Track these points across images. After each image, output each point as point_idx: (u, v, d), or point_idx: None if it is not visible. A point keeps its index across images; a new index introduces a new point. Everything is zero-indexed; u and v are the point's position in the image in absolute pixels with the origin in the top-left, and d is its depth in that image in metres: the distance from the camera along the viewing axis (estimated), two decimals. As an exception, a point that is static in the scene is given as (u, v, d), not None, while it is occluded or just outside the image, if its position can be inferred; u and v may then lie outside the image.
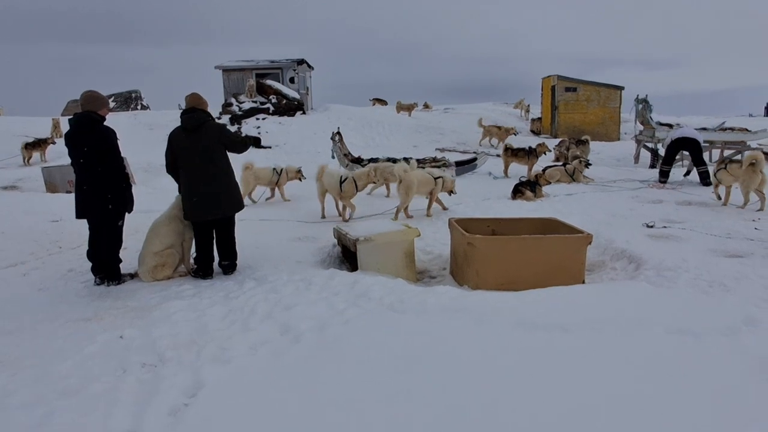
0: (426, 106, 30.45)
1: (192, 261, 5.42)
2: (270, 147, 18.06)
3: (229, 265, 5.32)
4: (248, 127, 19.44)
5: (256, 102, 21.07)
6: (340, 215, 8.27)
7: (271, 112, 20.88)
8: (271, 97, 21.59)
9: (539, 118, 24.93)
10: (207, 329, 3.79)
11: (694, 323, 3.60)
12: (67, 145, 4.92)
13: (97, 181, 4.85)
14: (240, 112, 20.24)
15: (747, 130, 16.05)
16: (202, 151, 5.07)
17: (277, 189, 10.37)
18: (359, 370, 3.05)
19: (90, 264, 5.10)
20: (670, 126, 16.92)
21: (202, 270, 5.21)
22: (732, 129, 16.19)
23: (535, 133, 23.91)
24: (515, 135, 19.34)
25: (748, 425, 2.50)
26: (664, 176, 11.32)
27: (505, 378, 2.96)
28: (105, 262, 5.05)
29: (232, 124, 19.52)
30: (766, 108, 43.79)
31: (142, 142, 17.50)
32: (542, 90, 25.16)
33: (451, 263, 5.89)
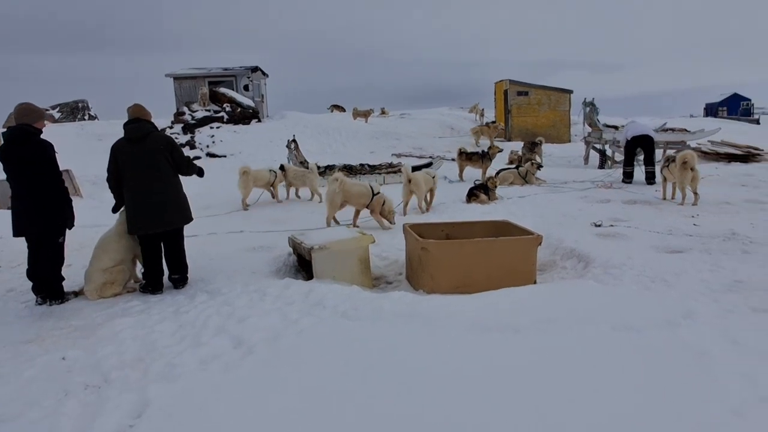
0: (383, 112, 30.60)
1: (140, 275, 5.26)
2: (225, 156, 17.76)
3: (180, 279, 5.19)
4: (202, 136, 19.07)
5: (209, 110, 20.68)
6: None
7: (225, 120, 20.54)
8: (225, 105, 21.25)
9: (494, 122, 25.45)
10: (156, 346, 3.68)
11: (637, 319, 3.74)
12: (1, 159, 4.70)
13: (34, 197, 4.65)
14: (193, 121, 19.82)
15: (686, 130, 16.87)
16: (148, 161, 4.93)
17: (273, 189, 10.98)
18: (312, 381, 3.03)
19: (30, 283, 4.88)
20: (616, 128, 17.60)
21: (151, 285, 5.06)
22: (672, 130, 16.99)
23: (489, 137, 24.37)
24: (503, 128, 19.99)
25: (683, 417, 2.61)
26: (628, 177, 11.66)
27: (459, 381, 3.00)
28: (46, 281, 4.84)
29: (185, 133, 19.09)
30: (705, 109, 46.15)
31: (90, 154, 16.89)
32: (495, 94, 25.74)
33: (406, 268, 5.93)
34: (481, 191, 9.67)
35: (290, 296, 4.57)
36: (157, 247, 5.11)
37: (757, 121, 31.41)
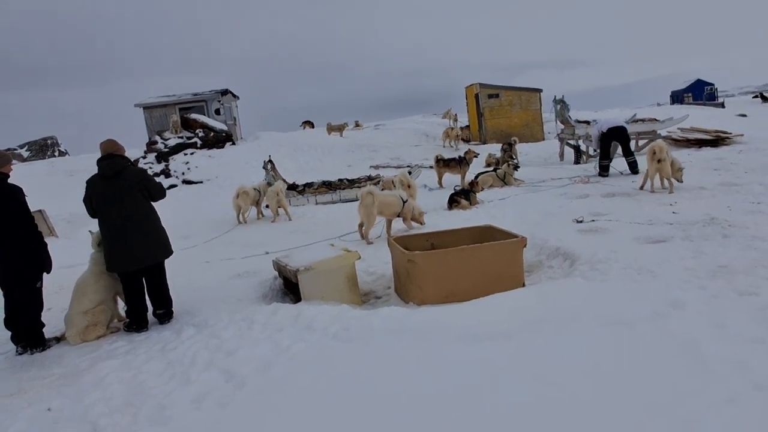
0: (357, 124, 30.65)
1: (124, 313, 5.14)
2: (201, 182, 17.58)
3: (165, 314, 5.08)
4: (177, 164, 18.84)
5: (182, 137, 20.47)
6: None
7: (199, 146, 20.34)
8: (197, 131, 21.05)
9: (467, 126, 25.65)
10: (144, 388, 3.58)
11: (626, 313, 3.77)
12: None
13: (7, 244, 4.52)
14: (166, 149, 19.59)
15: (656, 119, 17.19)
16: (123, 197, 4.84)
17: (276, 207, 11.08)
18: (306, 408, 2.97)
19: (9, 333, 4.72)
20: (587, 123, 17.87)
21: (135, 323, 4.94)
22: (642, 120, 17.29)
23: (465, 140, 24.56)
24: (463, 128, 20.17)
25: (678, 406, 2.62)
26: (604, 170, 11.81)
27: (453, 394, 2.97)
28: (26, 329, 4.69)
29: (159, 161, 18.86)
30: (671, 97, 47.21)
31: (62, 191, 16.61)
32: (467, 98, 25.96)
33: (394, 281, 5.89)
34: (461, 197, 9.70)
35: (279, 322, 4.49)
36: (138, 283, 5.00)
37: (722, 105, 32.18)
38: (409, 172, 13.92)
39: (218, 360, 3.82)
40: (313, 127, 32.08)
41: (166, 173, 18.16)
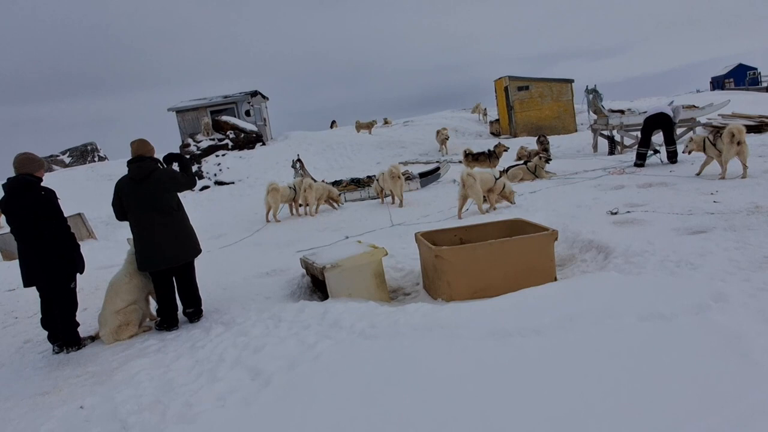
0: (386, 121, 30.63)
1: (155, 313, 5.21)
2: (233, 183, 17.84)
3: (194, 312, 5.13)
4: (209, 165, 19.20)
5: (213, 139, 20.83)
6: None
7: (230, 147, 20.67)
8: (228, 132, 21.39)
9: (497, 120, 25.30)
10: (172, 385, 3.60)
11: (664, 306, 3.58)
12: (3, 212, 4.69)
13: (41, 246, 4.63)
14: (198, 152, 19.97)
15: (695, 106, 16.54)
16: (152, 200, 4.90)
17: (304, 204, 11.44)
18: (330, 407, 2.92)
19: (46, 333, 4.85)
20: (622, 112, 17.36)
21: (166, 322, 5.01)
22: (681, 107, 16.64)
23: (495, 134, 24.23)
24: (447, 139, 19.71)
25: (723, 406, 2.45)
26: (641, 158, 11.47)
27: (480, 392, 2.87)
28: (62, 328, 4.80)
29: (192, 164, 19.25)
30: (710, 83, 45.47)
31: (102, 195, 17.05)
32: (496, 92, 25.59)
33: (423, 277, 5.81)
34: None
35: (305, 320, 4.48)
36: (169, 282, 5.06)
37: (767, 89, 30.78)
38: (438, 168, 13.81)
39: (245, 358, 3.81)
40: (336, 126, 32.22)
41: (199, 175, 18.51)
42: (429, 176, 13.46)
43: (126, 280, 5.14)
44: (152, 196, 4.90)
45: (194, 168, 18.88)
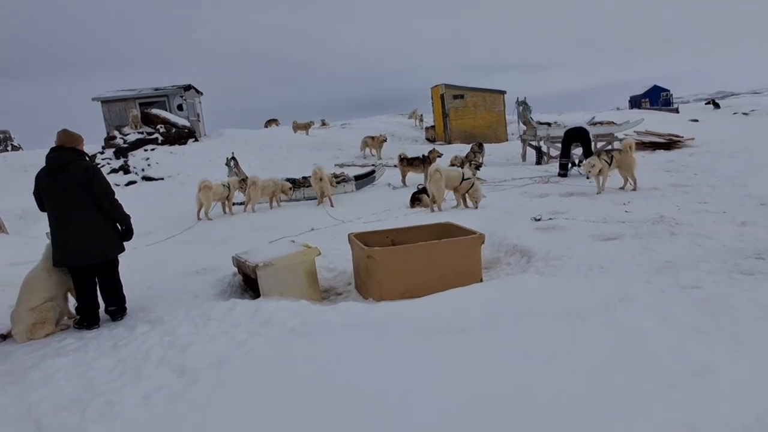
0: (324, 123, 30.51)
1: (74, 311, 4.98)
2: (162, 179, 17.18)
3: (117, 311, 4.95)
4: (136, 160, 18.36)
5: (142, 133, 19.95)
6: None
7: (160, 142, 19.86)
8: (158, 126, 20.56)
9: (433, 126, 25.87)
10: (93, 384, 3.48)
11: (577, 306, 3.88)
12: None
13: None
14: (125, 145, 19.05)
15: (613, 122, 17.71)
16: (67, 192, 4.66)
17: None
18: (259, 403, 2.95)
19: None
20: (549, 124, 18.29)
21: (85, 320, 4.80)
22: (601, 123, 17.80)
23: (430, 140, 24.77)
24: (386, 141, 20.02)
25: (621, 395, 2.72)
26: (563, 169, 12.22)
27: (408, 387, 3.00)
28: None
29: (118, 157, 18.33)
30: (629, 101, 48.68)
31: (16, 187, 15.93)
32: (432, 99, 26.18)
33: (355, 278, 5.90)
34: (424, 195, 9.78)
35: (236, 318, 4.44)
36: (89, 279, 4.86)
37: (677, 110, 33.40)
38: (374, 171, 13.99)
39: (171, 356, 3.75)
40: (277, 125, 31.79)
41: (125, 169, 17.68)
42: (364, 179, 13.61)
43: (43, 276, 4.88)
44: (66, 188, 4.66)
45: (120, 162, 18.04)
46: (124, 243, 5.10)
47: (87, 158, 4.95)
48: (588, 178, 9.66)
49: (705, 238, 5.65)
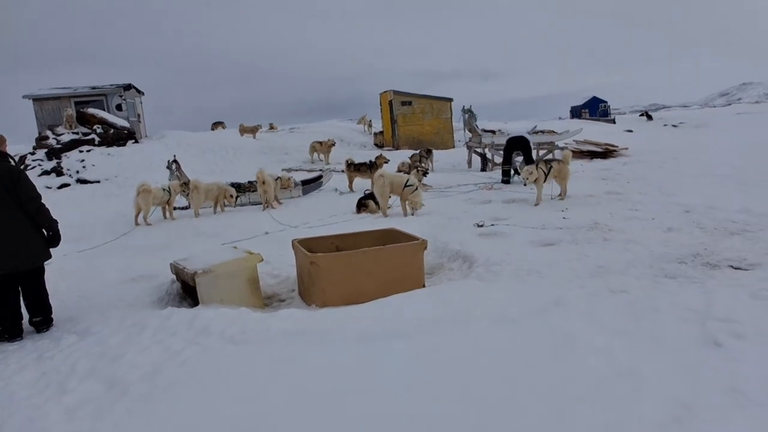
0: (271, 127, 30.10)
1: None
2: (99, 181, 16.43)
3: (42, 321, 4.67)
4: (70, 161, 17.46)
5: (77, 133, 19.00)
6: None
7: (97, 143, 18.98)
8: (95, 126, 19.64)
9: (381, 132, 26.02)
10: (13, 399, 3.28)
11: (513, 310, 3.99)
12: None
13: None
14: (58, 146, 18.09)
15: (554, 131, 18.40)
16: None
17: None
18: (194, 415, 2.87)
19: None
20: (494, 132, 18.77)
21: (6, 332, 4.50)
22: (542, 132, 18.45)
23: (379, 146, 24.90)
24: (334, 145, 19.98)
25: (550, 397, 2.82)
26: (505, 175, 12.57)
27: (346, 394, 3.00)
28: None
29: (50, 159, 17.39)
30: (570, 111, 50.73)
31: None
32: (381, 105, 26.35)
33: (298, 284, 5.85)
34: (370, 201, 9.81)
35: (173, 326, 4.29)
36: (11, 288, 4.57)
37: (614, 121, 35.09)
38: (321, 176, 13.92)
39: (101, 368, 3.58)
40: (224, 127, 31.10)
41: (58, 171, 16.78)
42: (311, 184, 13.51)
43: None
44: None
45: (53, 163, 17.11)
46: (51, 249, 4.84)
47: (10, 160, 4.67)
48: (525, 184, 9.87)
49: (634, 244, 5.95)
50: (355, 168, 13.34)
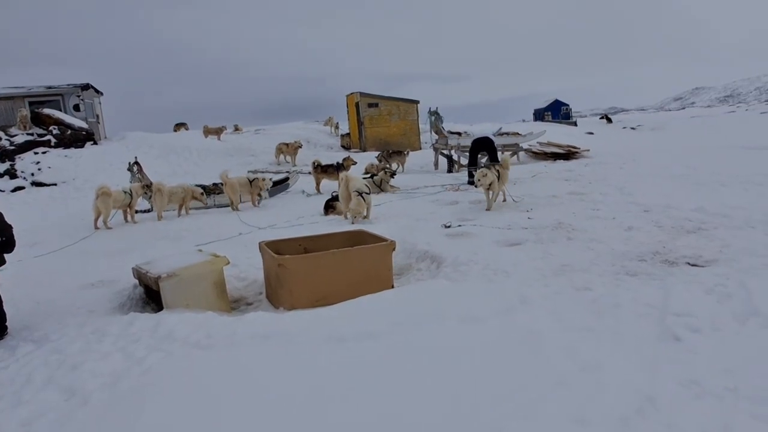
0: (237, 128, 29.67)
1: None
2: (55, 184, 15.86)
3: (-4, 330, 4.49)
4: (25, 163, 16.81)
5: (32, 134, 18.31)
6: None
7: (53, 144, 18.32)
8: (51, 127, 18.97)
9: (348, 134, 25.98)
10: (-36, 413, 3.13)
11: (480, 309, 4.04)
12: None
13: None
14: (12, 147, 17.39)
15: (518, 133, 18.73)
16: None
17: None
18: (158, 423, 2.79)
19: None
20: (460, 134, 18.99)
21: (-42, 341, 4.31)
22: (507, 133, 18.77)
23: (346, 148, 24.86)
24: (301, 147, 19.86)
25: (514, 395, 2.87)
26: (471, 176, 12.64)
27: (316, 396, 2.97)
28: None
29: (3, 161, 16.70)
30: (533, 114, 51.77)
31: None
32: (348, 107, 26.32)
33: (266, 287, 5.78)
34: (338, 203, 9.77)
35: (135, 333, 4.18)
36: (-38, 296, 4.37)
37: (575, 123, 36.03)
38: (288, 178, 13.80)
39: (59, 377, 3.46)
40: (187, 129, 30.47)
41: (12, 174, 16.13)
42: (278, 186, 13.37)
43: None
44: None
45: (6, 165, 16.44)
46: (5, 255, 4.65)
47: None
48: (476, 186, 9.47)
49: (597, 243, 6.11)
50: (322, 170, 13.29)
